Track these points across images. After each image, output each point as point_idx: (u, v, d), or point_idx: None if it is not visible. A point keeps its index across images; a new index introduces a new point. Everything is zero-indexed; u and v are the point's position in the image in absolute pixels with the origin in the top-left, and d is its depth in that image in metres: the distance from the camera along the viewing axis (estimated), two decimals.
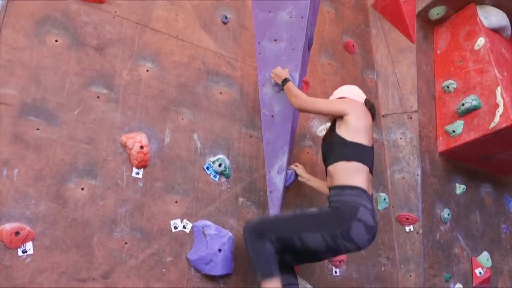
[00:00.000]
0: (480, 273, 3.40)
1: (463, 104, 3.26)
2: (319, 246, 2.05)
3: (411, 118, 3.41)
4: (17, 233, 1.85)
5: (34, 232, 1.90)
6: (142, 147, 2.21)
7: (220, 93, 2.66)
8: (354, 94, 2.44)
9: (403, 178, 3.32)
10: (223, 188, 2.50)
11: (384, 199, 3.26)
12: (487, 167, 3.72)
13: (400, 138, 3.41)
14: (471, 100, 3.22)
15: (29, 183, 1.94)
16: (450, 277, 3.24)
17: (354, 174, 2.13)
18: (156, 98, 2.40)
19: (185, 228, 2.30)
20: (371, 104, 2.42)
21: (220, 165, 2.47)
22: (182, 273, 2.24)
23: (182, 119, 2.46)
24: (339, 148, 2.20)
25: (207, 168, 2.47)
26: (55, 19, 2.17)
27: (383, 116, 3.52)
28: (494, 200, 3.81)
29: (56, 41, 2.15)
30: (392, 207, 3.31)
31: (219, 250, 2.28)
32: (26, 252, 1.87)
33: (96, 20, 2.31)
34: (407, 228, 3.21)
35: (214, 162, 2.47)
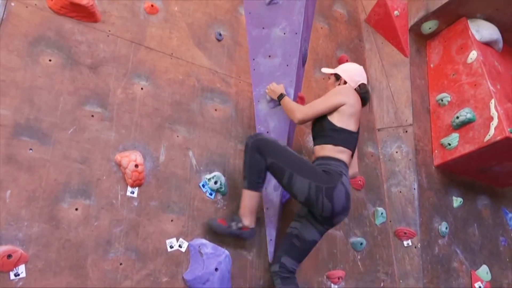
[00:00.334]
0: (479, 287, 3.37)
1: (457, 117, 3.27)
2: (301, 191, 2.22)
3: (406, 131, 3.41)
4: (9, 256, 1.81)
5: (27, 254, 1.86)
6: (136, 165, 2.19)
7: (215, 109, 2.65)
8: (354, 74, 2.54)
9: (400, 192, 3.31)
10: (219, 205, 2.47)
11: (382, 213, 3.24)
12: (484, 180, 3.72)
13: (396, 152, 3.41)
14: (465, 113, 3.23)
15: (21, 204, 1.91)
16: None
17: (339, 153, 2.36)
18: (150, 116, 2.39)
19: (181, 247, 2.27)
20: (366, 90, 2.53)
21: (216, 182, 2.45)
22: None
23: (177, 136, 2.45)
24: (329, 133, 2.38)
25: (203, 185, 2.44)
26: (49, 38, 2.17)
27: (379, 130, 3.53)
28: (491, 213, 3.80)
29: (50, 60, 2.14)
30: (390, 221, 3.29)
31: (215, 269, 2.24)
32: (19, 275, 1.83)
33: (90, 39, 2.30)
34: (405, 243, 3.19)
35: (209, 180, 2.45)
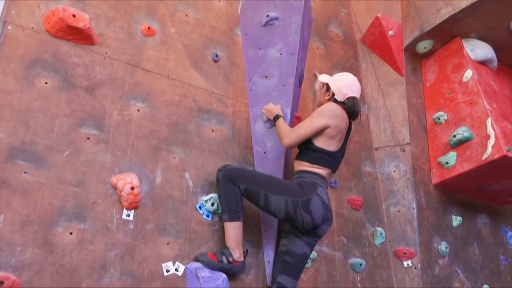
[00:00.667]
0: None
1: (454, 136, 3.27)
2: (279, 209, 2.27)
3: (403, 150, 3.40)
4: (1, 282, 1.77)
5: (20, 281, 1.82)
6: (132, 188, 2.16)
7: (212, 130, 2.64)
8: (343, 86, 2.50)
9: (399, 211, 3.29)
10: (216, 228, 2.44)
11: (381, 233, 3.21)
12: (483, 198, 3.70)
13: (394, 171, 3.40)
14: (462, 132, 3.23)
15: (15, 229, 1.87)
16: None
17: (315, 169, 2.40)
18: (147, 137, 2.37)
19: (177, 271, 2.23)
20: (352, 104, 2.48)
21: (213, 204, 2.43)
22: None
23: (174, 158, 2.43)
24: (307, 151, 2.42)
25: (200, 207, 2.42)
26: (45, 61, 2.17)
27: (376, 149, 3.52)
28: (491, 231, 3.76)
29: (46, 83, 2.14)
30: (389, 241, 3.26)
31: None
32: None
33: (86, 61, 2.31)
34: (405, 263, 3.15)
35: (206, 201, 2.42)
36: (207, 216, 2.42)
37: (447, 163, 3.31)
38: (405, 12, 3.62)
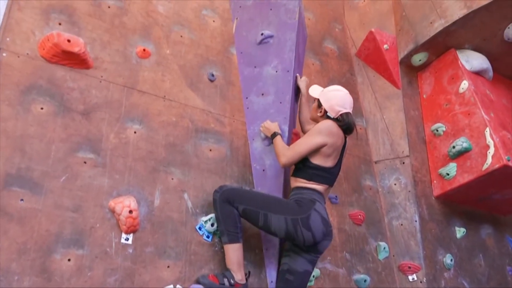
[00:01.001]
0: None
1: (454, 147, 3.26)
2: (279, 228, 2.25)
3: (403, 163, 3.39)
4: None
5: None
6: (131, 211, 2.14)
7: (210, 150, 2.63)
8: (335, 104, 2.44)
9: (401, 225, 3.25)
10: (217, 248, 2.41)
11: (384, 248, 3.17)
12: (485, 208, 3.67)
13: (395, 184, 3.37)
14: (461, 143, 3.22)
15: (12, 257, 1.84)
16: None
17: (312, 185, 2.38)
18: (144, 159, 2.36)
19: None
20: (347, 121, 2.43)
21: (212, 224, 2.40)
22: None
23: (172, 179, 2.41)
24: (303, 168, 2.40)
25: (200, 228, 2.39)
26: (41, 86, 2.17)
27: (376, 163, 3.50)
28: (496, 242, 3.72)
29: (42, 108, 2.13)
30: (393, 256, 3.22)
31: None
32: None
33: (82, 85, 2.31)
34: (411, 278, 3.10)
35: (206, 222, 2.39)
36: (207, 237, 2.39)
37: (448, 174, 3.29)
38: (398, 26, 3.65)
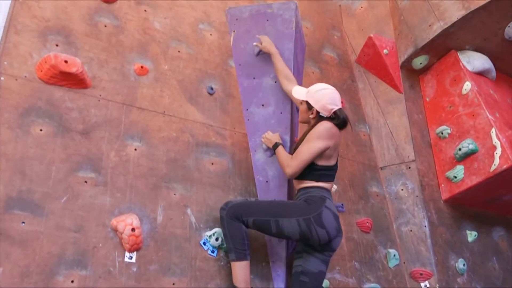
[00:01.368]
0: None
1: (460, 149, 3.21)
2: (293, 231, 2.23)
3: (409, 167, 3.34)
4: None
5: None
6: (133, 229, 2.12)
7: (212, 163, 2.61)
8: (326, 102, 2.38)
9: (411, 230, 3.19)
10: (222, 263, 2.38)
11: (394, 255, 3.11)
12: (496, 210, 3.61)
13: (402, 190, 3.32)
14: (467, 144, 3.18)
15: (14, 281, 1.83)
16: None
17: (321, 184, 2.37)
18: (146, 176, 2.35)
19: None
20: (341, 117, 2.39)
21: (217, 239, 2.37)
22: None
23: (174, 195, 2.39)
24: (310, 172, 2.36)
25: (204, 243, 2.36)
26: (39, 108, 2.18)
27: (381, 169, 3.46)
28: (510, 244, 3.64)
29: (41, 130, 2.14)
30: (404, 262, 3.15)
31: None
32: None
33: (81, 105, 2.31)
34: (423, 285, 3.04)
35: (210, 237, 2.37)
36: (212, 251, 2.36)
37: (455, 177, 3.24)
38: (397, 30, 3.63)
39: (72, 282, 1.95)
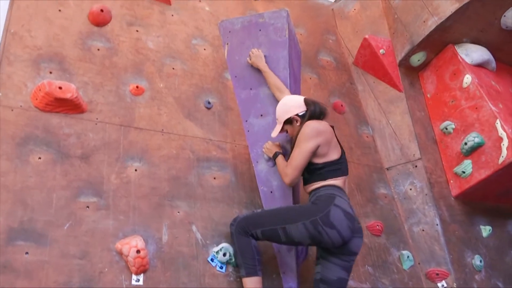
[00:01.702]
0: None
1: (466, 143, 3.16)
2: (302, 236, 2.15)
3: (416, 166, 3.29)
4: None
5: None
6: (138, 251, 2.09)
7: (214, 178, 2.59)
8: (296, 106, 2.40)
9: (423, 230, 3.13)
10: (231, 278, 2.34)
11: (408, 257, 3.05)
12: (508, 202, 3.53)
13: (410, 189, 3.27)
14: (473, 138, 3.12)
15: None
16: None
17: (330, 182, 2.29)
18: (148, 196, 2.33)
19: None
20: (317, 109, 2.39)
21: (224, 254, 2.33)
22: None
23: (178, 212, 2.37)
24: (315, 172, 2.32)
25: (212, 260, 2.33)
26: (37, 136, 2.17)
27: (387, 169, 3.41)
28: None
29: (40, 158, 2.13)
30: (419, 263, 3.09)
31: None
32: None
33: (78, 130, 2.31)
34: (440, 285, 2.97)
35: (218, 252, 2.34)
36: (221, 267, 2.33)
37: (464, 172, 3.18)
38: (392, 29, 3.61)
39: None
